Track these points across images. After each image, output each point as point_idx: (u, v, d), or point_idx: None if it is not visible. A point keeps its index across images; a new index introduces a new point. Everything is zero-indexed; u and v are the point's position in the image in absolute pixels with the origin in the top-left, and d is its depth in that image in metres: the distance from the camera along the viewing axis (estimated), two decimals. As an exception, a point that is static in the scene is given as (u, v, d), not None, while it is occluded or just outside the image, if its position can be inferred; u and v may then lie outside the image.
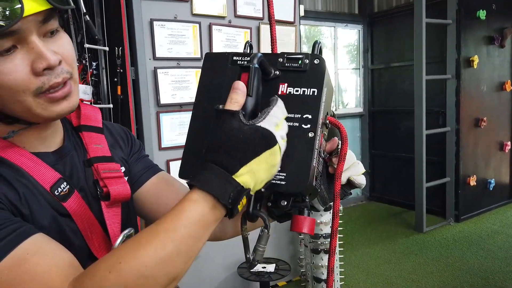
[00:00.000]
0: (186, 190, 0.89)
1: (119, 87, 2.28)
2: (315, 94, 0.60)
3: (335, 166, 0.67)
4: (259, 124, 0.56)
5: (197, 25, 2.43)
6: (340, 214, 2.47)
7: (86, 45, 2.07)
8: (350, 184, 0.72)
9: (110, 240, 0.76)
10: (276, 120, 0.57)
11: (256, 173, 0.55)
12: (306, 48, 5.04)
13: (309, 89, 0.61)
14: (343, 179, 0.69)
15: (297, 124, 0.60)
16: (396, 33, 4.87)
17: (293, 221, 0.62)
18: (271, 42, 0.70)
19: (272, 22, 0.69)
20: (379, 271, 3.32)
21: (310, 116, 0.60)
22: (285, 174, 0.59)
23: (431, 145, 4.10)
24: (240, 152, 0.54)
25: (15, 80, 0.61)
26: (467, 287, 2.99)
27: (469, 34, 4.15)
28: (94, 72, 2.32)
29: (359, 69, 5.31)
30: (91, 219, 0.73)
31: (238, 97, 0.58)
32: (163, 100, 2.34)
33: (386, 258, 3.55)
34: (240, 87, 0.58)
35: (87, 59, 2.21)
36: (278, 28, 2.74)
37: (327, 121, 0.64)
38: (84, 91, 2.29)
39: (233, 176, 0.54)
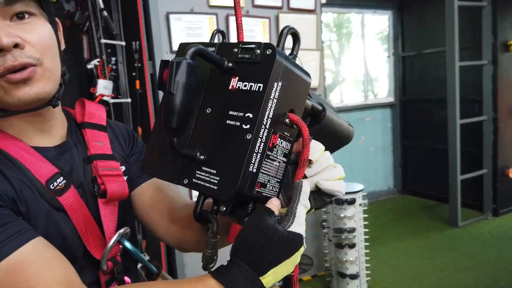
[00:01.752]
0: (181, 197, 0.87)
1: (137, 82, 2.29)
2: (260, 90, 0.54)
3: (306, 171, 0.62)
4: (290, 229, 0.55)
5: (214, 16, 2.40)
6: (365, 208, 2.38)
7: (103, 41, 2.09)
8: (322, 191, 0.63)
9: (105, 237, 0.75)
10: (302, 220, 0.57)
11: (279, 273, 0.55)
12: (327, 37, 4.91)
13: (255, 84, 0.54)
14: (311, 185, 0.61)
15: (238, 123, 0.54)
16: (428, 18, 4.63)
17: (231, 231, 0.58)
18: (237, 30, 0.64)
19: (237, 6, 0.63)
20: (409, 267, 3.19)
21: (251, 115, 0.53)
22: (218, 178, 0.54)
23: (466, 135, 3.89)
24: (272, 255, 0.54)
25: None
26: (504, 285, 2.82)
27: (506, 17, 3.88)
28: (114, 67, 2.34)
29: (389, 57, 5.11)
30: (86, 215, 0.73)
31: (278, 204, 0.58)
32: (180, 94, 2.33)
33: (416, 254, 3.41)
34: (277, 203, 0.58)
35: (106, 55, 2.24)
36: (297, 17, 2.67)
37: (287, 120, 0.57)
38: (105, 86, 2.32)
39: (260, 277, 0.54)
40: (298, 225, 0.56)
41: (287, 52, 0.62)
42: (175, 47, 2.30)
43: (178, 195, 0.88)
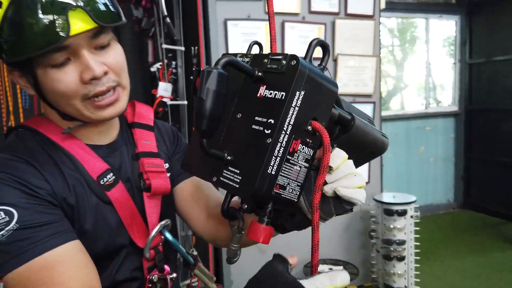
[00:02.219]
0: (217, 196, 0.93)
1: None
2: (282, 98, 0.57)
3: (327, 178, 0.63)
4: (301, 282, 0.57)
5: (270, 23, 2.45)
6: (417, 220, 2.30)
7: (164, 46, 2.22)
8: (342, 198, 0.64)
9: (148, 228, 0.82)
10: (320, 286, 0.58)
11: None
12: (389, 42, 4.77)
13: (279, 92, 0.57)
14: (329, 191, 0.63)
15: (261, 128, 0.57)
16: (499, 23, 4.34)
17: (250, 228, 0.61)
18: (270, 41, 0.68)
19: (271, 20, 0.66)
20: (464, 285, 3.02)
21: (272, 121, 0.57)
22: (240, 178, 0.58)
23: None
24: None
25: (66, 87, 0.71)
26: None
27: None
28: (174, 71, 2.48)
29: (455, 63, 4.86)
30: (132, 208, 0.81)
31: (295, 261, 0.62)
32: (234, 97, 2.42)
33: (474, 273, 3.22)
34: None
35: (167, 59, 2.38)
36: (354, 23, 2.65)
37: (309, 127, 0.59)
38: (165, 89, 2.47)
39: None
40: (310, 286, 0.58)
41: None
42: (231, 52, 2.38)
43: (215, 193, 0.94)
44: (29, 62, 0.70)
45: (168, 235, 0.83)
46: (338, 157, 0.63)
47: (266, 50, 0.63)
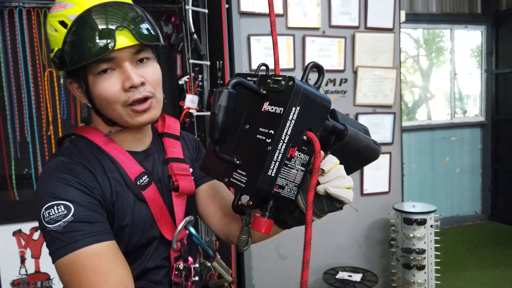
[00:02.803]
0: (231, 197, 1.05)
1: (219, 97, 2.53)
2: (281, 112, 0.67)
3: (319, 179, 0.73)
4: None
5: (291, 37, 2.57)
6: (436, 230, 2.34)
7: (191, 61, 2.37)
8: (333, 197, 0.73)
9: (175, 223, 0.95)
10: None
11: None
12: (414, 52, 4.78)
13: (278, 108, 0.68)
14: (321, 190, 0.72)
15: (264, 137, 0.68)
16: (526, 33, 4.30)
17: (253, 221, 0.72)
18: (274, 64, 0.78)
19: (275, 45, 0.77)
20: (488, 298, 2.99)
21: (272, 132, 0.67)
22: (246, 179, 0.69)
23: None
24: None
25: (110, 93, 0.85)
26: None
27: None
28: (200, 83, 2.63)
29: (482, 73, 4.81)
30: (162, 206, 0.94)
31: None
32: (256, 108, 2.53)
33: (498, 285, 3.18)
34: None
35: (194, 72, 2.53)
36: (375, 36, 2.73)
37: (304, 137, 0.69)
38: (192, 100, 2.62)
39: None
40: None
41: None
42: (254, 66, 2.51)
43: (229, 195, 1.07)
44: (84, 71, 0.85)
45: (192, 229, 0.95)
46: (330, 162, 0.73)
47: (284, 58, 0.74)
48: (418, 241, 2.54)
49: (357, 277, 2.52)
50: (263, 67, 0.82)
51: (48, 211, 0.78)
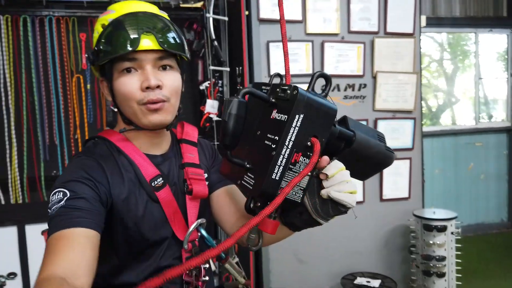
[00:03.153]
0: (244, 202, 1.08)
1: (239, 102, 2.58)
2: (285, 120, 0.70)
3: (323, 183, 0.77)
4: None
5: (310, 43, 2.60)
6: (457, 237, 2.31)
7: (211, 67, 2.43)
8: (336, 201, 0.77)
9: (188, 225, 1.00)
10: None
11: None
12: (437, 56, 4.69)
13: (284, 116, 0.71)
14: (325, 194, 0.76)
15: (270, 143, 0.72)
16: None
17: (261, 222, 0.75)
18: (285, 74, 0.82)
19: (286, 56, 0.81)
20: (512, 308, 2.92)
21: (277, 138, 0.70)
22: (253, 182, 0.72)
23: None
24: None
25: (128, 90, 0.92)
26: None
27: None
28: (220, 89, 2.69)
29: (508, 78, 4.70)
30: (175, 207, 0.98)
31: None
32: (275, 114, 2.57)
33: (524, 295, 3.09)
34: None
35: (214, 78, 2.59)
36: (395, 41, 2.72)
37: (309, 143, 0.72)
38: (212, 105, 2.68)
39: None
40: None
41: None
42: (273, 71, 2.54)
43: (243, 200, 1.09)
44: (110, 69, 0.93)
45: (203, 232, 0.98)
46: (334, 167, 0.76)
47: (307, 65, 0.77)
48: (438, 248, 2.51)
49: (375, 283, 2.51)
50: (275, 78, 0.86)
51: (51, 197, 0.85)
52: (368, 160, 0.85)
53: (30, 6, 2.71)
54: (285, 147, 0.71)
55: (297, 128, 0.71)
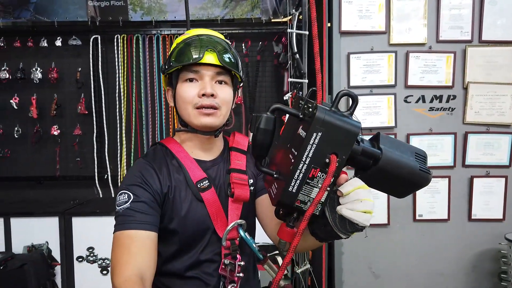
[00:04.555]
0: None
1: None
2: (304, 136, 0.76)
3: (340, 200, 0.82)
4: None
5: (393, 54, 2.55)
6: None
7: (290, 79, 2.56)
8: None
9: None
10: None
11: None
12: None
13: (304, 132, 0.76)
14: (339, 211, 0.81)
15: (291, 157, 0.78)
16: None
17: (279, 229, 0.83)
18: (317, 90, 0.88)
19: (317, 73, 0.87)
20: None
21: (296, 153, 0.76)
22: (276, 191, 0.80)
23: None
24: None
25: (187, 95, 1.10)
26: None
27: None
28: (301, 99, 2.79)
29: None
30: (218, 207, 1.13)
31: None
32: (353, 124, 2.58)
33: None
34: None
35: (296, 89, 2.71)
36: (490, 50, 2.53)
37: (327, 160, 0.75)
38: (294, 115, 2.80)
39: None
40: None
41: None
42: (353, 83, 2.57)
43: None
44: (176, 78, 1.13)
45: (241, 232, 1.09)
46: (350, 185, 0.81)
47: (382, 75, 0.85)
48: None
49: None
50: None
51: (119, 196, 1.06)
52: (399, 179, 0.84)
53: (142, 26, 3.16)
54: (302, 162, 0.76)
55: (314, 145, 0.75)
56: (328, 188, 0.79)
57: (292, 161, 0.78)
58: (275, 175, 0.85)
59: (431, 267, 2.63)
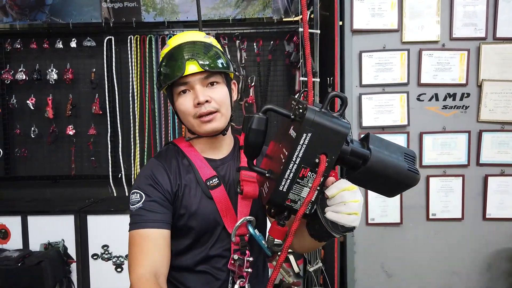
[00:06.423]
0: None
1: (329, 111, 2.66)
2: (294, 137, 0.77)
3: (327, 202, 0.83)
4: None
5: (406, 52, 2.53)
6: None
7: (301, 78, 2.56)
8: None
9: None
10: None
11: None
12: None
13: (294, 133, 0.78)
14: (325, 212, 0.83)
15: (282, 157, 0.79)
16: None
17: (270, 227, 0.85)
18: (308, 91, 0.88)
19: (309, 75, 0.88)
20: None
21: (286, 153, 0.78)
22: (267, 190, 0.82)
23: None
24: None
25: (185, 108, 1.12)
26: None
27: None
28: (312, 99, 2.79)
29: None
30: (228, 204, 1.15)
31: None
32: (365, 123, 2.56)
33: None
34: None
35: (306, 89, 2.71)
36: (506, 47, 2.50)
37: (317, 160, 0.77)
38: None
39: None
40: None
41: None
42: (365, 81, 2.56)
43: None
44: (171, 92, 1.15)
45: (250, 228, 1.10)
46: (336, 188, 0.82)
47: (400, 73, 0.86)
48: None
49: None
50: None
51: (132, 195, 1.10)
52: (387, 179, 0.85)
53: (155, 27, 3.20)
54: (292, 162, 0.78)
55: (304, 146, 0.77)
56: (318, 188, 0.80)
57: (283, 161, 0.79)
58: (267, 174, 0.87)
59: (444, 267, 2.61)
